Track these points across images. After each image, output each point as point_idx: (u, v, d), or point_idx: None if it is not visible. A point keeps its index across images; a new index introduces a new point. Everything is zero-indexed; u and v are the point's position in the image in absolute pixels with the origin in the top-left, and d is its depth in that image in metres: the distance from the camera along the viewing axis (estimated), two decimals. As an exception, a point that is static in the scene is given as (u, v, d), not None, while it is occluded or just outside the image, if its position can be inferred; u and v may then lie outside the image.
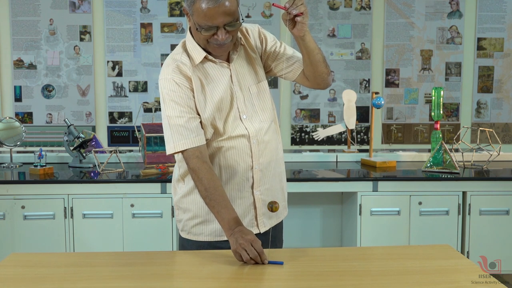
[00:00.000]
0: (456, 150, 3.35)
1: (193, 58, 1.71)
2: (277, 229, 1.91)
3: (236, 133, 1.74)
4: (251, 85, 1.78)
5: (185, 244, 1.86)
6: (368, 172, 3.13)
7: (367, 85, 4.74)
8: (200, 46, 1.70)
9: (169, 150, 1.72)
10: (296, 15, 1.54)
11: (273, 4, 1.63)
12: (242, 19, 1.66)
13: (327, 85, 1.81)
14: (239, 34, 1.76)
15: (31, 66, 4.61)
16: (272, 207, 1.61)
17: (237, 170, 1.76)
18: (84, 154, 3.29)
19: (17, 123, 3.40)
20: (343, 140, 4.72)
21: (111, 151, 3.22)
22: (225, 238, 1.74)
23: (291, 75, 1.81)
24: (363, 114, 4.68)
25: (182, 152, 1.69)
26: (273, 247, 1.71)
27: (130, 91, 4.67)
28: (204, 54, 1.70)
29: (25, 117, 4.64)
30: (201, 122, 1.72)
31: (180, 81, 1.69)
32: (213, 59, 1.72)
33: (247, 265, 1.54)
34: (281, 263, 1.53)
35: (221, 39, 1.61)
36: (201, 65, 1.72)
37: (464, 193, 2.96)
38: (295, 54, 1.81)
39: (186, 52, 1.73)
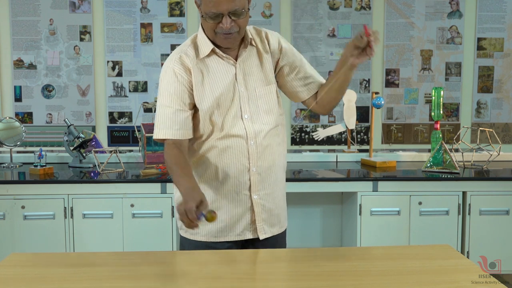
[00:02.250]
0: (456, 150, 3.35)
1: (201, 51, 1.73)
2: (279, 236, 1.89)
3: (234, 132, 1.74)
4: (258, 87, 1.77)
5: (183, 243, 1.86)
6: (368, 172, 3.13)
7: (367, 85, 4.74)
8: (209, 40, 1.72)
9: (154, 135, 1.76)
10: (368, 46, 1.56)
11: (364, 25, 1.60)
12: (250, 14, 1.67)
13: (330, 111, 1.88)
14: (251, 35, 1.77)
15: (31, 66, 4.61)
16: (207, 216, 1.47)
17: (233, 171, 1.75)
18: (84, 154, 3.29)
19: (17, 123, 3.40)
20: (343, 140, 4.72)
21: (111, 151, 3.22)
22: (221, 240, 1.77)
23: (304, 95, 1.84)
24: (363, 114, 4.68)
25: (163, 140, 1.73)
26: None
27: (130, 91, 4.67)
28: (212, 46, 1.71)
29: (25, 117, 4.64)
30: (196, 116, 1.73)
31: (179, 71, 1.71)
32: (221, 53, 1.73)
33: (247, 265, 1.54)
34: (203, 215, 1.47)
35: (225, 27, 1.63)
36: (207, 58, 1.74)
37: (464, 193, 2.96)
38: (314, 73, 1.84)
39: (194, 45, 1.76)
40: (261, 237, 1.80)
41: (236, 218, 1.78)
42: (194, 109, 1.76)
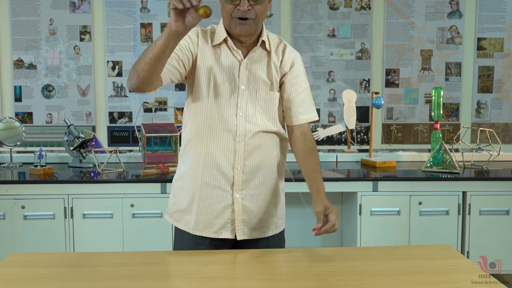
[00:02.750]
0: (456, 150, 3.35)
1: (215, 38, 1.75)
2: (277, 238, 1.88)
3: (224, 126, 1.73)
4: (261, 89, 1.76)
5: (176, 235, 1.88)
6: (368, 172, 3.13)
7: (367, 85, 4.74)
8: (226, 30, 1.73)
9: None
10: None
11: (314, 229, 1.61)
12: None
13: None
14: (268, 38, 1.77)
15: (31, 66, 4.61)
16: (200, 10, 1.31)
17: (217, 164, 1.74)
18: (84, 154, 3.29)
19: (17, 123, 3.40)
20: (343, 140, 4.72)
21: (111, 151, 3.22)
22: (198, 233, 1.78)
23: (289, 120, 1.82)
24: (363, 114, 4.68)
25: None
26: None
27: (130, 91, 4.66)
28: (225, 35, 1.73)
29: (25, 117, 4.64)
30: (189, 97, 1.77)
31: (192, 36, 1.73)
32: (232, 45, 1.73)
33: (246, 265, 1.54)
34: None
35: (242, 9, 1.63)
36: (217, 47, 1.75)
37: (464, 193, 2.97)
38: (309, 107, 1.82)
39: (212, 32, 1.78)
40: (239, 237, 1.78)
41: (215, 214, 1.77)
42: (187, 77, 1.76)
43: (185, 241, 1.82)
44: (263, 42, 1.76)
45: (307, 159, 1.80)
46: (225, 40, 1.74)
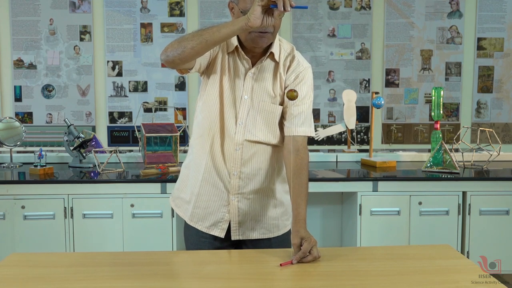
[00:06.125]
0: (456, 150, 3.35)
1: (229, 43, 1.73)
2: (280, 239, 1.88)
3: (225, 132, 1.75)
4: (264, 101, 1.75)
5: (184, 223, 1.91)
6: (368, 172, 3.13)
7: (367, 85, 4.74)
8: (238, 39, 1.72)
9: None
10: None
11: (280, 264, 1.55)
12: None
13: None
14: (281, 49, 1.76)
15: (31, 66, 4.61)
16: (289, 95, 1.53)
17: (216, 167, 1.77)
18: (84, 154, 3.29)
19: (17, 123, 3.40)
20: (343, 140, 4.72)
21: (111, 151, 3.22)
22: (192, 224, 1.83)
23: (284, 130, 1.78)
24: (363, 114, 4.68)
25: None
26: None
27: (130, 91, 4.67)
28: (237, 43, 1.72)
29: (25, 117, 4.64)
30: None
31: None
32: (243, 53, 1.73)
33: (247, 265, 1.54)
34: (306, 7, 1.58)
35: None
36: (231, 54, 1.74)
37: (464, 193, 2.96)
38: (305, 120, 1.76)
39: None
40: (233, 237, 1.81)
41: (210, 210, 1.80)
42: (203, 71, 1.76)
43: (190, 234, 1.86)
44: (272, 53, 1.74)
45: (293, 178, 1.70)
46: (236, 48, 1.73)
